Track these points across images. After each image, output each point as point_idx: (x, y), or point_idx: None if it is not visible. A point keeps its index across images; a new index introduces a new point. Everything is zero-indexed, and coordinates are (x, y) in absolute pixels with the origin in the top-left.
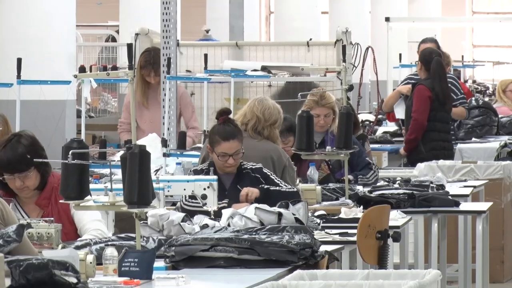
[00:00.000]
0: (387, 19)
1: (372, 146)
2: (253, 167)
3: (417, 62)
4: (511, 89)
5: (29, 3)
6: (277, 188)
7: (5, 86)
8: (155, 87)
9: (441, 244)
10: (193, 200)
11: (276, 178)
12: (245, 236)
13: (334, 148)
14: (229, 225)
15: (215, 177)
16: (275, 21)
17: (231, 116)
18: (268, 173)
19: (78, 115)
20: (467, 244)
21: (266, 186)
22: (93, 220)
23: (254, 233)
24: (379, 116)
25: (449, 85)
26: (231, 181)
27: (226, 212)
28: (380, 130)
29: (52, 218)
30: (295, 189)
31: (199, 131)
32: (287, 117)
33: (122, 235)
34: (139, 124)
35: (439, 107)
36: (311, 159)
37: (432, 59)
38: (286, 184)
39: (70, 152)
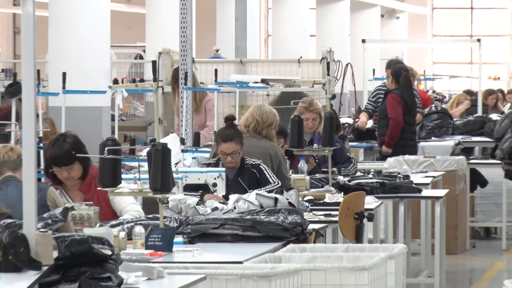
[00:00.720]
0: (363, 41)
1: (350, 143)
2: (253, 163)
3: (387, 76)
4: (461, 101)
5: (73, 27)
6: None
7: (53, 95)
8: None
9: (406, 223)
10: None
11: (268, 174)
12: (248, 217)
13: (320, 145)
14: (234, 207)
15: (223, 169)
16: (272, 42)
17: (236, 120)
18: (263, 169)
19: (112, 119)
20: (427, 223)
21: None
22: (131, 203)
23: (255, 214)
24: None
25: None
26: (234, 174)
27: (232, 197)
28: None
29: (92, 202)
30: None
31: (212, 130)
32: (280, 123)
33: (150, 215)
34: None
35: (406, 112)
36: (301, 154)
37: (401, 73)
38: (274, 179)
39: (105, 149)
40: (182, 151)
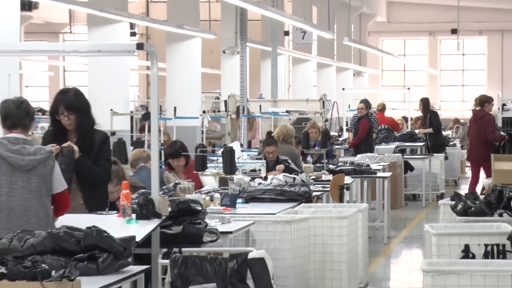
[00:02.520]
0: (343, 89)
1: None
2: (283, 158)
3: (360, 108)
4: (401, 122)
5: (179, 82)
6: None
7: (168, 119)
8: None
9: (368, 192)
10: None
11: (291, 165)
12: (278, 188)
13: (319, 147)
14: (271, 183)
15: (264, 161)
16: (292, 89)
17: (272, 133)
18: (289, 162)
19: (202, 133)
20: (380, 191)
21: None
22: (211, 181)
23: (282, 187)
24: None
25: (374, 120)
26: (272, 164)
27: (269, 177)
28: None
29: (190, 180)
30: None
31: (258, 140)
32: (296, 135)
33: (223, 187)
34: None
35: (371, 129)
36: (308, 152)
37: (369, 105)
38: (294, 167)
39: (198, 149)
40: (241, 151)
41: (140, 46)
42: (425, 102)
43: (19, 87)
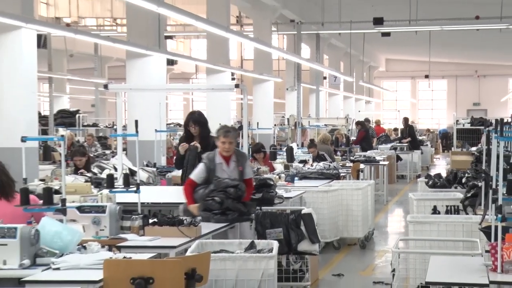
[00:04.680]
0: (359, 111)
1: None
2: (322, 153)
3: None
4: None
5: (261, 105)
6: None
7: (254, 129)
8: None
9: (374, 173)
10: None
11: (328, 157)
12: (320, 171)
13: (344, 146)
14: (315, 167)
15: (310, 155)
16: (328, 112)
17: (315, 139)
18: (325, 156)
19: None
20: (382, 173)
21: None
22: (279, 167)
23: (322, 170)
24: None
25: (371, 129)
26: (314, 157)
27: (314, 164)
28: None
29: (266, 166)
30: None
31: (307, 142)
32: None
33: None
34: None
35: (366, 136)
36: (338, 149)
37: (363, 124)
38: (329, 159)
39: (271, 147)
40: (297, 148)
41: (237, 86)
42: (405, 120)
43: (165, 111)
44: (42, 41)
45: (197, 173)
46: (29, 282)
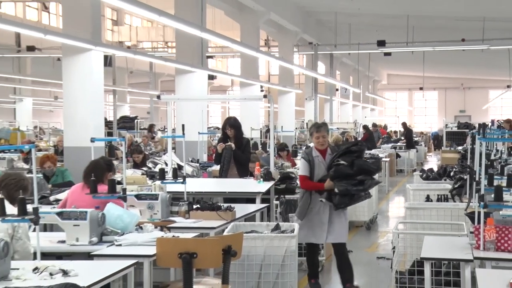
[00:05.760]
0: (365, 117)
1: None
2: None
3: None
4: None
5: (285, 112)
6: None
7: (279, 132)
8: None
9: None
10: None
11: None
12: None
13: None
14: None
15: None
16: (340, 117)
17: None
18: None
19: None
20: (384, 167)
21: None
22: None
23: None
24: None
25: (378, 132)
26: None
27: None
28: None
29: (289, 162)
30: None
31: None
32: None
33: None
34: None
35: (370, 137)
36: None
37: (367, 127)
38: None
39: (292, 146)
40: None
41: (265, 96)
42: (404, 124)
43: (206, 117)
44: (108, 61)
45: (303, 168)
46: (97, 255)
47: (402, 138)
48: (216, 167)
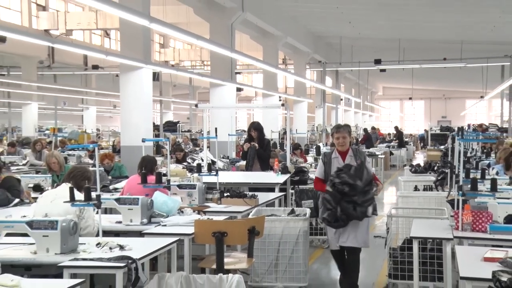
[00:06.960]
0: (364, 121)
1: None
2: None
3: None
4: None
5: (299, 117)
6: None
7: (294, 133)
8: None
9: (375, 163)
10: None
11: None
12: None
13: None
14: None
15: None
16: (343, 122)
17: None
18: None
19: None
20: (380, 163)
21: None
22: (310, 159)
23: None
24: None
25: (376, 134)
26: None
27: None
28: None
29: (302, 158)
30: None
31: (330, 142)
32: None
33: None
34: None
35: (368, 138)
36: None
37: (366, 131)
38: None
39: (305, 146)
40: (323, 146)
41: (282, 105)
42: (396, 128)
43: (235, 122)
44: (156, 76)
45: (318, 169)
46: (146, 233)
47: (395, 139)
48: (243, 162)
